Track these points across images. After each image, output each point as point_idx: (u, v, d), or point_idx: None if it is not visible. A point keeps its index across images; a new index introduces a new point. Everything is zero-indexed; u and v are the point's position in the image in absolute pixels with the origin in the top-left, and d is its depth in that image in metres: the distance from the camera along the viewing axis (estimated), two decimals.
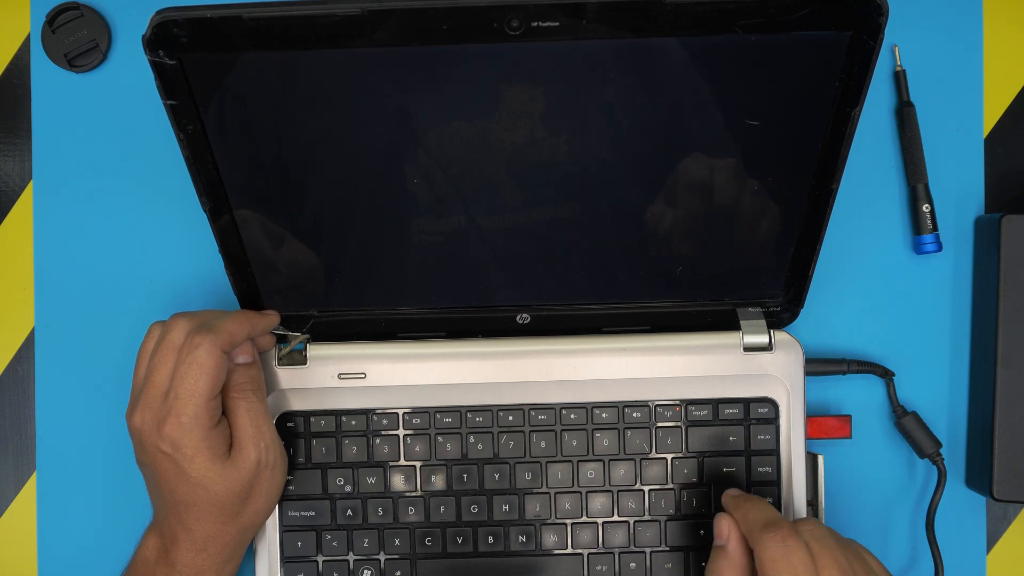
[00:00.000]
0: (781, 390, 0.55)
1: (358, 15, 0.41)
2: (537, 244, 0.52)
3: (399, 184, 0.49)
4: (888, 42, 0.58)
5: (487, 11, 0.41)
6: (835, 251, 0.59)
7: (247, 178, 0.49)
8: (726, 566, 0.48)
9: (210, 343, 0.48)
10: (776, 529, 0.46)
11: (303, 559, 0.56)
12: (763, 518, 0.47)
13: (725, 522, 0.49)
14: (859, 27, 0.42)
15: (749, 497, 0.51)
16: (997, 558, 0.59)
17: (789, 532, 0.46)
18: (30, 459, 0.60)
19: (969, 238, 0.59)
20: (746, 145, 0.48)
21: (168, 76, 0.43)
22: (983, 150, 0.59)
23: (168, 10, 0.41)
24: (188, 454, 0.48)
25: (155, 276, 0.59)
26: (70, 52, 0.58)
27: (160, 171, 0.59)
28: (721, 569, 0.48)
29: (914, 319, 0.59)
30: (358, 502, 0.56)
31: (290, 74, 0.44)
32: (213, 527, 0.50)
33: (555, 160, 0.48)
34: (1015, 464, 0.55)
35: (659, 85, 0.45)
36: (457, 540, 0.55)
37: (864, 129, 0.56)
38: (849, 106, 0.45)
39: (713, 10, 0.41)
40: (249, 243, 0.51)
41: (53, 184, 0.60)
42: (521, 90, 0.45)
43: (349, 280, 0.54)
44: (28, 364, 0.60)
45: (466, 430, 0.56)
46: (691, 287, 0.55)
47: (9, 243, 0.60)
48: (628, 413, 0.55)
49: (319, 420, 0.56)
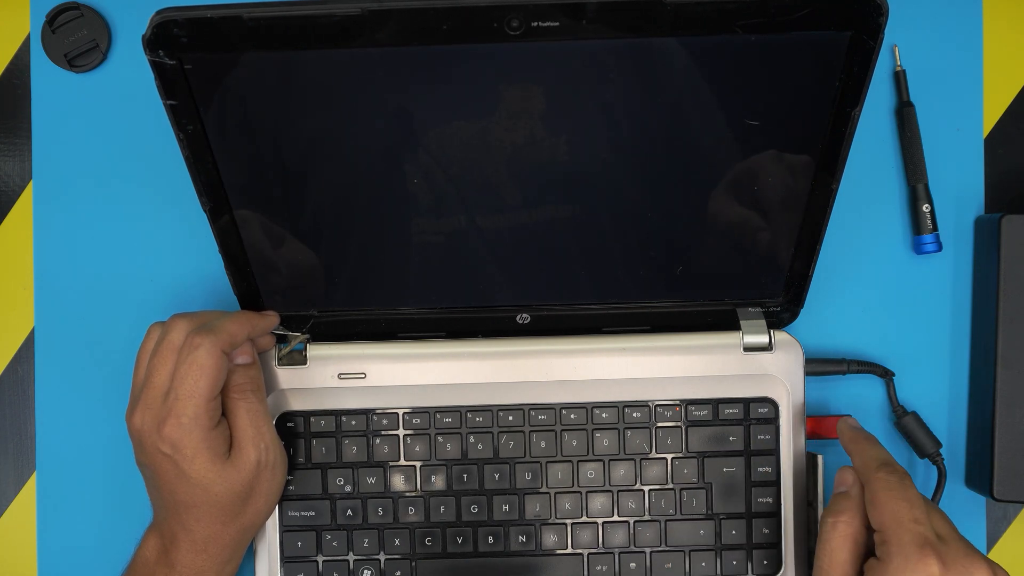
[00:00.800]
0: (781, 390, 0.55)
1: (358, 15, 0.41)
2: (537, 244, 0.52)
3: (399, 184, 0.49)
4: (888, 42, 0.58)
5: (487, 11, 0.41)
6: (835, 251, 0.59)
7: (247, 178, 0.49)
8: (847, 507, 0.49)
9: (210, 344, 0.48)
10: (892, 467, 0.48)
11: (303, 559, 0.56)
12: (880, 456, 0.49)
13: (849, 472, 0.50)
14: (859, 27, 0.42)
15: (868, 436, 0.52)
16: (997, 558, 0.59)
17: (903, 471, 0.48)
18: (30, 459, 0.60)
19: (969, 238, 0.59)
20: (746, 145, 0.48)
21: (168, 76, 0.43)
22: (983, 150, 0.59)
23: (168, 10, 0.41)
24: (188, 455, 0.48)
25: (155, 276, 0.59)
26: (70, 52, 0.58)
27: (160, 171, 0.59)
28: (842, 510, 0.49)
29: (914, 319, 0.59)
30: (358, 502, 0.56)
31: (290, 74, 0.44)
32: (213, 528, 0.50)
33: (555, 160, 0.48)
34: (1015, 464, 0.55)
35: (659, 85, 0.45)
36: (457, 540, 0.55)
37: (864, 129, 0.56)
38: (849, 106, 0.45)
39: (713, 10, 0.41)
40: (249, 243, 0.51)
41: (53, 184, 0.60)
42: (521, 90, 0.45)
43: (349, 280, 0.54)
44: (28, 364, 0.60)
45: (466, 430, 0.56)
46: (691, 287, 0.55)
47: (9, 243, 0.60)
48: (628, 413, 0.55)
49: (319, 420, 0.56)
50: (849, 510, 0.49)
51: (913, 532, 0.45)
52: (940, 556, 0.44)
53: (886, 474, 0.48)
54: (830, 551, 0.48)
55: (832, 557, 0.48)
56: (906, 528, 0.45)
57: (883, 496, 0.47)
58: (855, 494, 0.49)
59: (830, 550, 0.48)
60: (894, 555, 0.45)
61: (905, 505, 0.46)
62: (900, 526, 0.45)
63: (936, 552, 0.44)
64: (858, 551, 0.48)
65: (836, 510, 0.49)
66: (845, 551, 0.48)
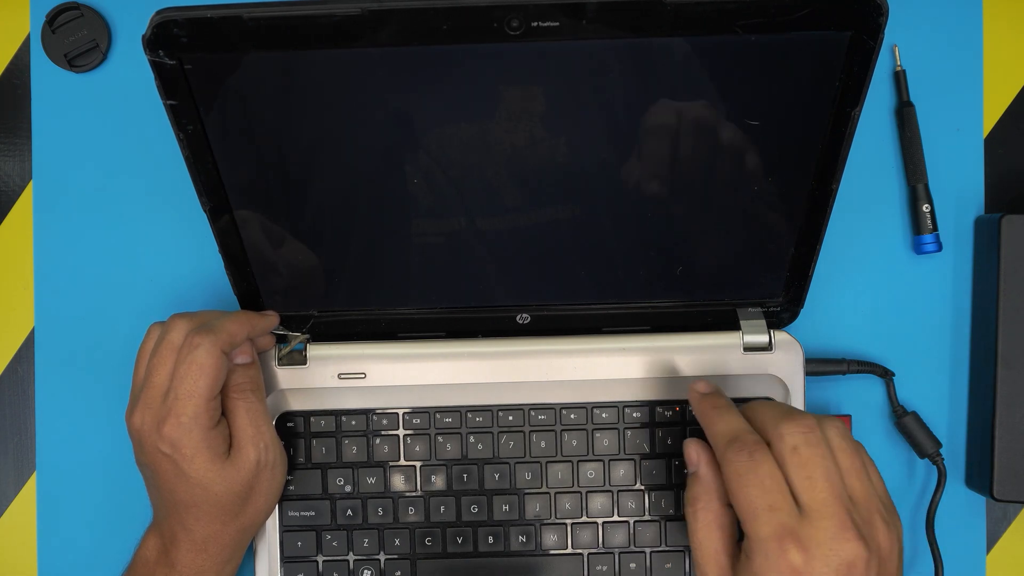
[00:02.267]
0: (781, 390, 0.55)
1: (358, 15, 0.41)
2: (537, 244, 0.52)
3: (399, 184, 0.49)
4: (888, 42, 0.58)
5: (487, 11, 0.41)
6: (835, 251, 0.59)
7: (247, 178, 0.49)
8: (701, 492, 0.45)
9: (210, 343, 0.48)
10: (741, 444, 0.43)
11: (303, 559, 0.56)
12: (728, 431, 0.44)
13: (693, 448, 0.46)
14: (859, 27, 0.42)
15: (716, 405, 0.47)
16: (997, 558, 0.59)
17: (755, 445, 0.43)
18: (30, 459, 0.60)
19: (969, 238, 0.59)
20: (746, 145, 0.48)
21: (168, 76, 0.43)
22: (983, 150, 0.59)
23: (168, 10, 0.41)
24: (188, 454, 0.48)
25: (155, 276, 0.59)
26: (70, 52, 0.58)
27: (160, 171, 0.59)
28: (697, 496, 0.45)
29: (914, 319, 0.59)
30: (358, 502, 0.56)
31: (290, 74, 0.44)
32: (213, 527, 0.50)
33: (555, 160, 0.48)
34: (1015, 464, 0.55)
35: (659, 85, 0.45)
36: (457, 540, 0.55)
37: (864, 129, 0.56)
38: (849, 106, 0.45)
39: (713, 10, 0.41)
40: (249, 243, 0.51)
41: (53, 184, 0.60)
42: (521, 90, 0.45)
43: (349, 280, 0.54)
44: (28, 364, 0.60)
45: (466, 430, 0.56)
46: (691, 287, 0.55)
47: (9, 243, 0.60)
48: (628, 413, 0.55)
49: (319, 420, 0.56)
50: (704, 494, 0.45)
51: (769, 523, 0.41)
52: (801, 544, 0.40)
53: (734, 454, 0.43)
54: (699, 543, 0.45)
55: (702, 550, 0.44)
56: (761, 520, 0.41)
57: (734, 483, 0.42)
58: (704, 474, 0.45)
59: (698, 542, 0.45)
60: (755, 551, 0.41)
61: (757, 491, 0.41)
62: (755, 518, 0.41)
63: (796, 541, 0.40)
64: (728, 533, 0.45)
65: (690, 497, 0.45)
66: (713, 539, 0.44)
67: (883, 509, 0.43)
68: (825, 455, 0.42)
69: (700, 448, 0.47)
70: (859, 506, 0.42)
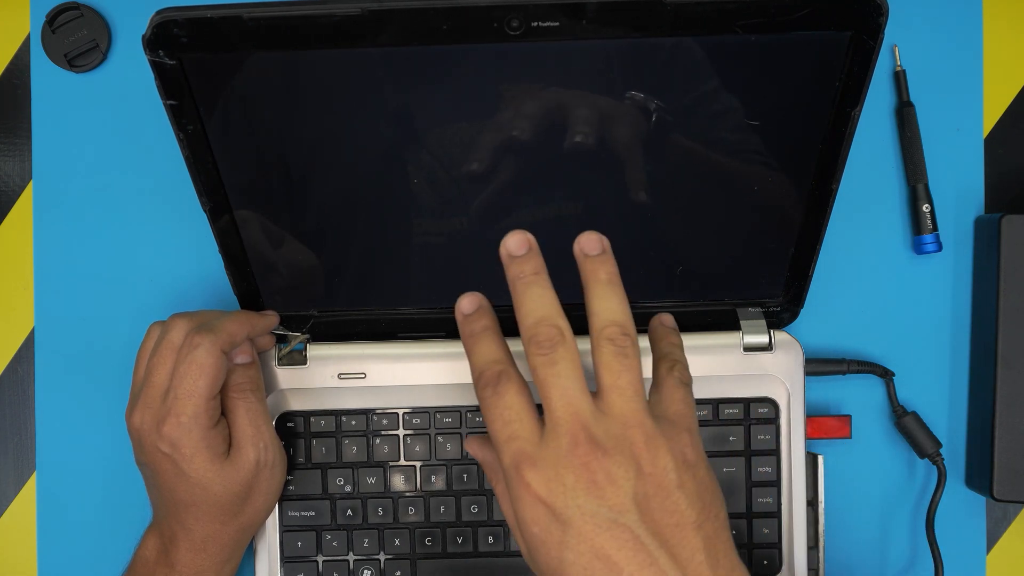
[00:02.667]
0: (781, 390, 0.55)
1: (358, 15, 0.41)
2: (537, 244, 0.52)
3: (399, 184, 0.49)
4: (888, 42, 0.58)
5: (487, 11, 0.41)
6: (835, 251, 0.59)
7: (247, 178, 0.49)
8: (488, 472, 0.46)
9: (209, 343, 0.48)
10: (485, 379, 0.42)
11: (303, 559, 0.56)
12: (475, 365, 0.43)
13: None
14: (859, 27, 0.42)
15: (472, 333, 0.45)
16: (997, 558, 0.59)
17: (497, 376, 0.42)
18: (30, 459, 0.60)
19: (969, 238, 0.59)
20: (746, 145, 0.48)
21: (168, 76, 0.43)
22: (983, 150, 0.59)
23: (168, 10, 0.41)
24: (187, 454, 0.48)
25: (155, 276, 0.59)
26: (70, 52, 0.58)
27: (160, 171, 0.59)
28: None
29: (914, 319, 0.59)
30: (358, 502, 0.56)
31: (290, 74, 0.44)
32: (212, 527, 0.50)
33: (555, 160, 0.48)
34: (1015, 464, 0.55)
35: (659, 85, 0.45)
36: (457, 540, 0.55)
37: (864, 129, 0.56)
38: (849, 106, 0.45)
39: (713, 10, 0.41)
40: (249, 243, 0.51)
41: (53, 184, 0.60)
42: (521, 90, 0.45)
43: (349, 280, 0.54)
44: (28, 364, 0.60)
45: (466, 430, 0.56)
46: (691, 287, 0.55)
47: (9, 243, 0.60)
48: None
49: (319, 420, 0.56)
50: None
51: (507, 453, 0.41)
52: (535, 465, 0.40)
53: (480, 391, 0.42)
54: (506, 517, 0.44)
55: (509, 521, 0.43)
56: (503, 452, 0.41)
57: (486, 422, 0.42)
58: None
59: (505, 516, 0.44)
60: (507, 484, 0.41)
61: (499, 425, 0.41)
62: (500, 452, 0.41)
63: (531, 462, 0.40)
64: None
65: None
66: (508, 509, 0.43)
67: (648, 424, 0.41)
68: (560, 374, 0.41)
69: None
70: (612, 421, 0.40)
